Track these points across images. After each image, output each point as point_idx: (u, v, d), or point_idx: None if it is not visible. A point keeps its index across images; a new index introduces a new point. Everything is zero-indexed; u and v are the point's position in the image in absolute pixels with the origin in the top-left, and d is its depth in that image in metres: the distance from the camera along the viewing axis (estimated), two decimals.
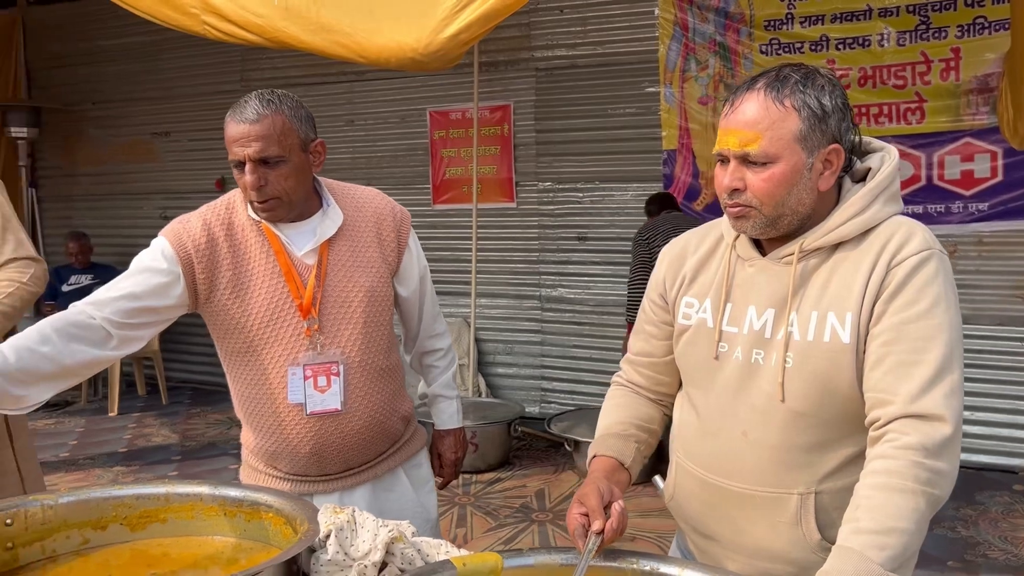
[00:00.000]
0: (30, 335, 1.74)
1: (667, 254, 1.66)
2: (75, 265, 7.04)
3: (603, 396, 1.75)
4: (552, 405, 6.07)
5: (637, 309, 5.42)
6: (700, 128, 5.43)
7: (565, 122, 5.94)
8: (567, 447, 5.00)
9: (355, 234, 1.96)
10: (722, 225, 1.60)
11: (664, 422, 1.71)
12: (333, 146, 5.99)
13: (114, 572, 1.60)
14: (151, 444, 5.78)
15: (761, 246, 1.52)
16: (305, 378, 1.88)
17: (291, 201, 1.86)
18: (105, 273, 7.08)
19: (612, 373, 1.80)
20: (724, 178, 1.46)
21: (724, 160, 1.47)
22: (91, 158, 7.80)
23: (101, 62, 7.57)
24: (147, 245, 1.92)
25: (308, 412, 1.91)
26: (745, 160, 1.43)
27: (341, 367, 1.91)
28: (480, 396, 6.09)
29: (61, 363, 1.75)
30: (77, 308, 1.81)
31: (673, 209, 5.12)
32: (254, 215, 1.91)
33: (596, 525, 1.37)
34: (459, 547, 1.54)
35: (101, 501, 1.71)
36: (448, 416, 2.26)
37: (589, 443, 1.55)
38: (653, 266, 1.71)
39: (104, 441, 5.82)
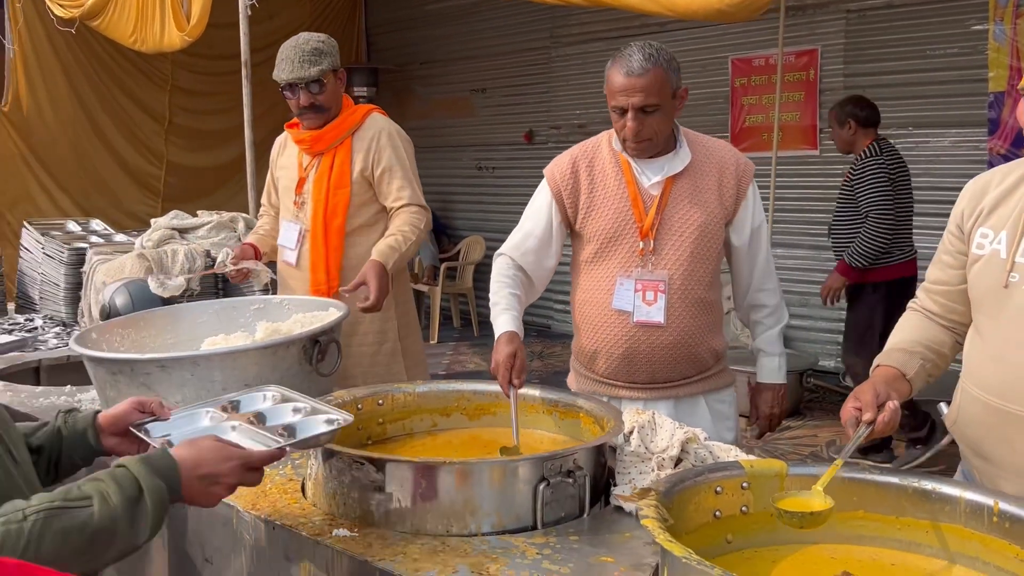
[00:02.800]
0: (510, 280, 2.26)
1: (969, 188, 1.69)
2: None
3: None
4: None
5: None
6: None
7: (877, 65, 5.65)
8: None
9: (698, 176, 2.20)
10: None
11: (956, 348, 1.75)
12: None
13: (456, 448, 1.97)
14: (466, 369, 6.46)
15: None
16: (635, 291, 2.16)
17: (659, 141, 2.15)
18: None
19: None
20: None
21: None
22: (417, 113, 8.67)
23: (427, 26, 8.35)
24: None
25: (635, 320, 2.17)
26: None
27: (666, 286, 2.15)
28: None
29: (524, 302, 2.28)
30: (507, 259, 2.29)
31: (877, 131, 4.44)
32: (618, 147, 2.21)
33: (867, 416, 1.49)
34: None
35: (447, 392, 2.09)
36: (768, 371, 2.35)
37: None
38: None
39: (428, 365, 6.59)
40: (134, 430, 1.48)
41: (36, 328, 3.47)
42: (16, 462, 1.26)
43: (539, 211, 2.30)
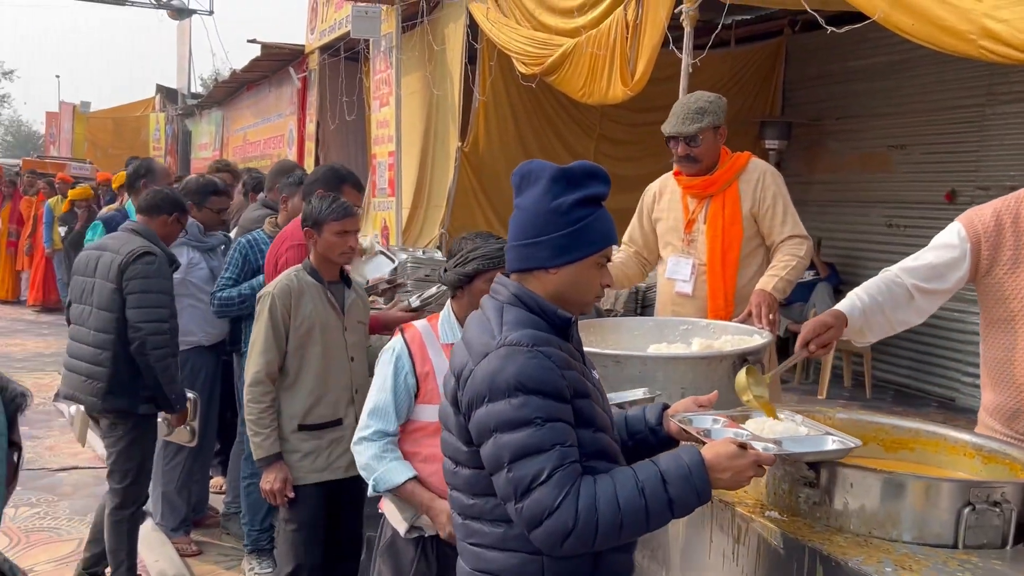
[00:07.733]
0: (881, 286, 2.37)
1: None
2: None
3: None
4: None
5: None
6: None
7: None
8: None
9: None
10: None
11: None
12: None
13: None
14: None
15: None
16: None
17: None
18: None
19: None
20: None
21: None
22: (827, 167, 8.62)
23: (847, 81, 8.29)
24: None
25: None
26: None
27: None
28: None
29: (888, 316, 2.36)
30: (892, 272, 2.40)
31: None
32: None
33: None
34: None
35: (866, 423, 2.23)
36: None
37: None
38: None
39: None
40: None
41: None
42: None
43: (947, 251, 2.31)
